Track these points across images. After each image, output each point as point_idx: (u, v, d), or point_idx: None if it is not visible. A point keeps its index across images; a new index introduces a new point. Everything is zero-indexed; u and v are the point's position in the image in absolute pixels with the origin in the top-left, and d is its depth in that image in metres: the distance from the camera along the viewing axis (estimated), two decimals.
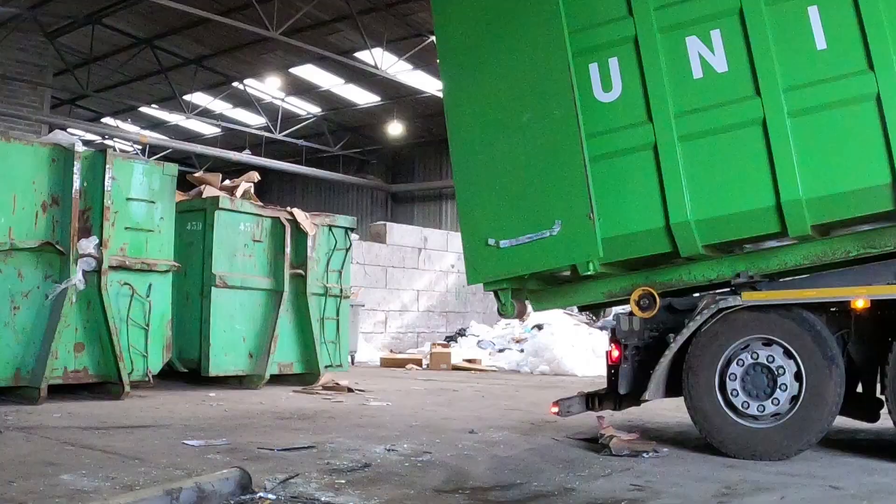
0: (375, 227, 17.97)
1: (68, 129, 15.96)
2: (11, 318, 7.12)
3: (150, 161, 8.78)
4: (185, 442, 5.19)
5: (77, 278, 7.40)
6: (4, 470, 4.13)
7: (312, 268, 9.91)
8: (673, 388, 5.31)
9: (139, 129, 24.28)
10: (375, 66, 17.54)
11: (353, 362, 12.95)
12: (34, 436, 5.35)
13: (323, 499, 3.72)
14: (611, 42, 5.31)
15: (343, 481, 4.11)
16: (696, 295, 5.52)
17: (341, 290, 10.40)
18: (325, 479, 4.13)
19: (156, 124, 25.62)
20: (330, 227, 10.36)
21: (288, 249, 9.65)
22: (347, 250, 10.55)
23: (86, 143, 16.26)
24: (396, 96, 21.50)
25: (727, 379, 5.00)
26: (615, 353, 5.50)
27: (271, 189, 27.38)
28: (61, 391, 7.48)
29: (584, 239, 5.06)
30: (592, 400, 5.80)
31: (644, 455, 5.00)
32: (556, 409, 5.84)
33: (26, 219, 7.23)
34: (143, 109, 24.10)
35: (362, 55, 18.03)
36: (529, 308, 6.06)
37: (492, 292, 5.78)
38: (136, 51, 19.48)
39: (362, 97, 22.30)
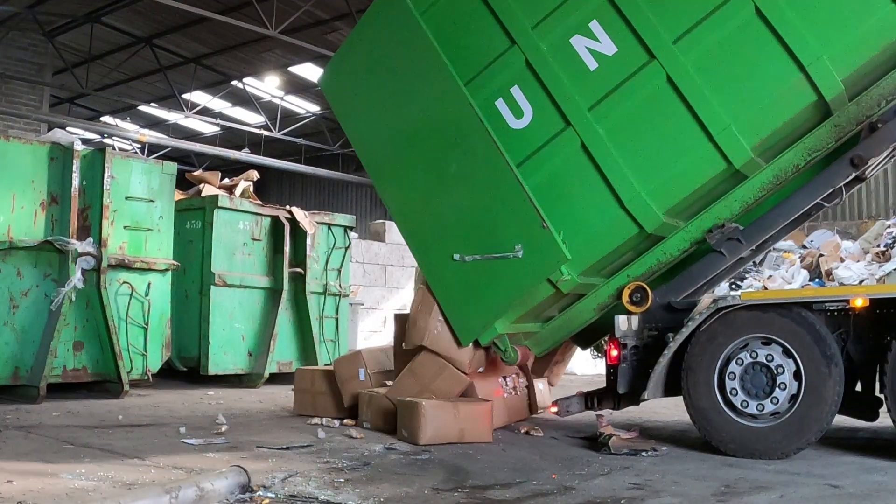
0: (375, 225, 17.95)
1: (67, 128, 15.93)
2: (10, 316, 7.12)
3: (149, 160, 8.79)
4: (185, 440, 5.19)
5: (76, 277, 7.39)
6: (3, 469, 4.13)
7: (311, 266, 9.91)
8: (672, 387, 5.32)
9: (138, 127, 24.22)
10: None
11: None
12: (33, 434, 5.35)
13: (322, 497, 3.72)
14: (506, 74, 5.52)
15: (342, 480, 4.11)
16: (687, 271, 5.53)
17: (340, 289, 10.42)
18: (325, 478, 4.13)
19: (155, 123, 25.60)
20: (329, 225, 10.37)
21: (287, 248, 9.66)
22: (346, 249, 10.56)
23: (85, 141, 16.26)
24: None
25: (726, 378, 5.00)
26: (614, 353, 5.50)
27: (270, 188, 27.37)
28: (60, 390, 7.48)
29: (547, 248, 5.17)
30: (591, 399, 5.83)
31: (643, 454, 5.01)
32: (555, 409, 5.85)
33: (25, 217, 7.24)
34: (143, 108, 24.08)
35: None
36: (531, 354, 6.06)
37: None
38: (135, 49, 19.46)
39: None
